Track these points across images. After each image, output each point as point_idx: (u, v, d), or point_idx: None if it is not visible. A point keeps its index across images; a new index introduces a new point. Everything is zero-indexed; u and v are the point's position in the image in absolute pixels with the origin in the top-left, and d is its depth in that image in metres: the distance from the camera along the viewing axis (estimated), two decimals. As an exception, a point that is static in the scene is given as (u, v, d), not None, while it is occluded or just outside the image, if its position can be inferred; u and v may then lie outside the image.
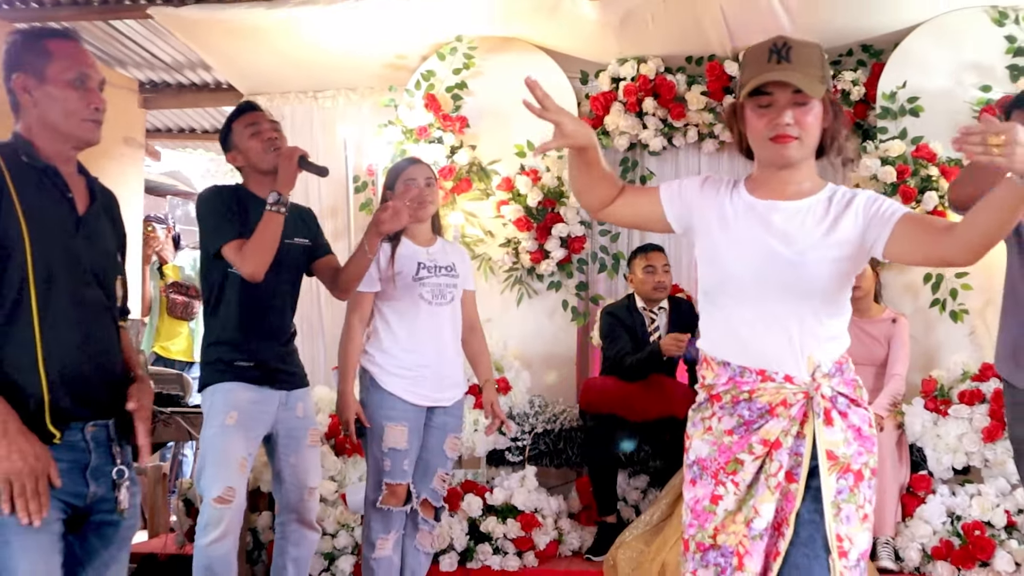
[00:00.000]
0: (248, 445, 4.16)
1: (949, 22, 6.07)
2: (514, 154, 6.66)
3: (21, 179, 2.76)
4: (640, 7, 6.09)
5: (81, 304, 2.84)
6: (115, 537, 2.91)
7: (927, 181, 6.01)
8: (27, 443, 2.61)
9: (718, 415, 2.68)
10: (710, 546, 2.63)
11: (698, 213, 2.80)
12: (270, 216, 3.99)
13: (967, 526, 5.23)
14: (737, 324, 2.70)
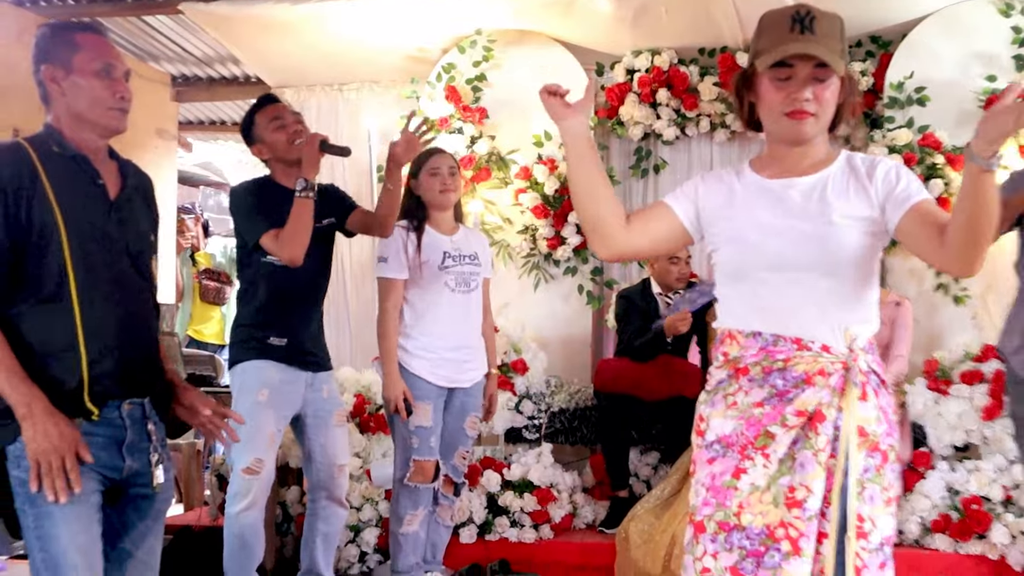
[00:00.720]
0: (277, 421, 4.23)
1: (956, 13, 6.06)
2: (532, 144, 6.65)
3: (53, 169, 2.76)
4: (654, 2, 6.10)
5: (119, 285, 2.84)
6: (150, 510, 2.92)
7: (933, 169, 6.01)
8: (53, 424, 2.61)
9: (745, 388, 2.45)
10: (734, 526, 2.37)
11: (704, 204, 2.60)
12: (300, 202, 4.04)
13: (965, 500, 5.25)
14: (767, 296, 2.49)
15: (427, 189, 4.72)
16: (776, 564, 2.31)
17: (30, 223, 2.71)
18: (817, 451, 2.35)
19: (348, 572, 5.36)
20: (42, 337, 2.73)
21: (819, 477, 2.34)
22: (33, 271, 2.73)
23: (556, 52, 6.71)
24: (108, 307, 2.81)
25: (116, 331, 2.82)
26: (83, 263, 2.76)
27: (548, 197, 6.65)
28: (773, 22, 2.45)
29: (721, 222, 2.58)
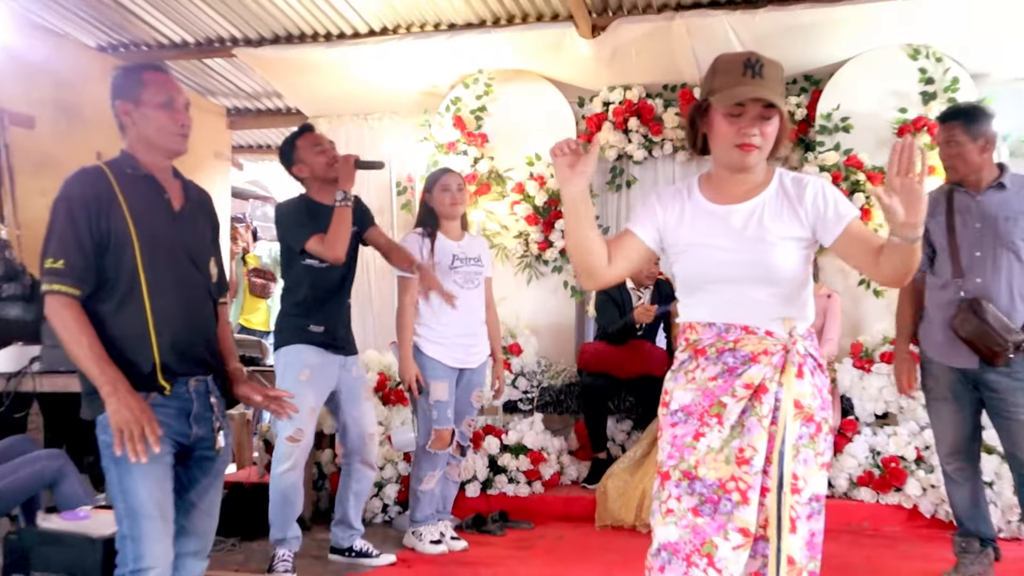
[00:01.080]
0: (316, 397, 4.22)
1: (874, 57, 6.05)
2: (525, 163, 6.64)
3: (127, 186, 2.78)
4: (626, 45, 6.08)
5: (182, 283, 2.85)
6: (212, 469, 2.95)
7: (856, 184, 6.00)
8: (134, 400, 2.63)
9: (702, 366, 2.44)
10: (694, 477, 2.37)
11: (663, 224, 2.54)
12: (341, 210, 4.07)
13: (885, 460, 5.28)
14: (721, 305, 2.46)
15: (439, 203, 4.70)
16: (729, 511, 2.32)
17: (109, 231, 2.72)
18: (761, 417, 2.34)
19: (372, 521, 5.36)
20: (121, 328, 2.74)
21: (763, 439, 2.33)
22: (111, 273, 2.74)
23: (545, 87, 6.67)
24: (173, 301, 2.81)
25: (180, 321, 2.82)
26: (151, 265, 2.77)
27: (538, 208, 6.61)
28: (728, 66, 2.40)
29: (677, 239, 2.53)
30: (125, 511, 2.70)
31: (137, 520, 2.69)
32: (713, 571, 2.30)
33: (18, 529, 3.60)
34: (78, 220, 2.69)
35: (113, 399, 2.61)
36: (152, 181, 2.86)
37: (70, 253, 2.68)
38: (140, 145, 2.86)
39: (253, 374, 4.83)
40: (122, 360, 2.70)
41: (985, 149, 3.81)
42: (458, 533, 4.91)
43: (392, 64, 6.52)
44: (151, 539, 2.70)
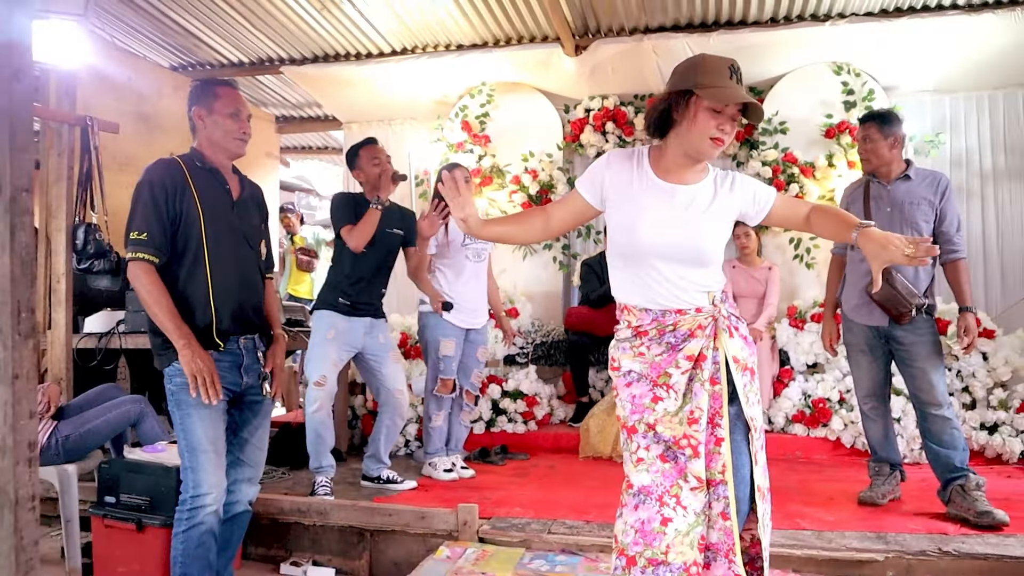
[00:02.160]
0: (339, 352, 4.20)
1: (806, 72, 6.03)
2: (521, 160, 6.63)
3: (196, 177, 2.81)
4: (603, 62, 6.06)
5: (237, 259, 2.87)
6: (260, 411, 2.99)
7: (792, 177, 5.99)
8: (202, 353, 2.68)
9: (647, 344, 2.31)
10: (655, 430, 2.29)
11: (610, 188, 2.34)
12: (372, 211, 4.10)
13: (814, 401, 5.30)
14: (653, 282, 2.31)
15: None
16: (683, 463, 2.26)
17: (181, 211, 2.75)
18: (703, 382, 2.27)
19: (396, 454, 5.37)
20: (187, 294, 2.76)
21: (706, 400, 2.26)
22: (181, 246, 2.77)
23: (537, 97, 6.65)
24: (229, 273, 2.84)
25: (234, 290, 2.84)
26: (213, 242, 2.80)
27: (532, 196, 6.59)
28: (715, 66, 2.22)
29: (620, 206, 2.33)
30: (186, 447, 2.74)
31: (195, 454, 2.72)
32: (680, 508, 2.25)
33: (109, 460, 3.62)
34: (158, 200, 2.71)
35: (187, 351, 2.65)
36: (216, 174, 2.88)
37: (151, 226, 2.70)
38: (208, 145, 2.88)
39: (297, 333, 4.90)
40: (186, 319, 2.73)
41: (894, 146, 3.81)
42: (467, 463, 4.92)
43: (410, 78, 6.50)
44: (206, 470, 2.73)
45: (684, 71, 2.27)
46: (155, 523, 3.33)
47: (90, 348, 4.58)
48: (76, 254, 4.70)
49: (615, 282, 2.41)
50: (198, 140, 2.89)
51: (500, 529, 3.58)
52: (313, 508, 3.83)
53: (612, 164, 2.36)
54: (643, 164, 2.35)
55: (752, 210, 2.38)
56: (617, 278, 2.40)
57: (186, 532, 2.73)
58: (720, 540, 2.28)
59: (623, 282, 2.38)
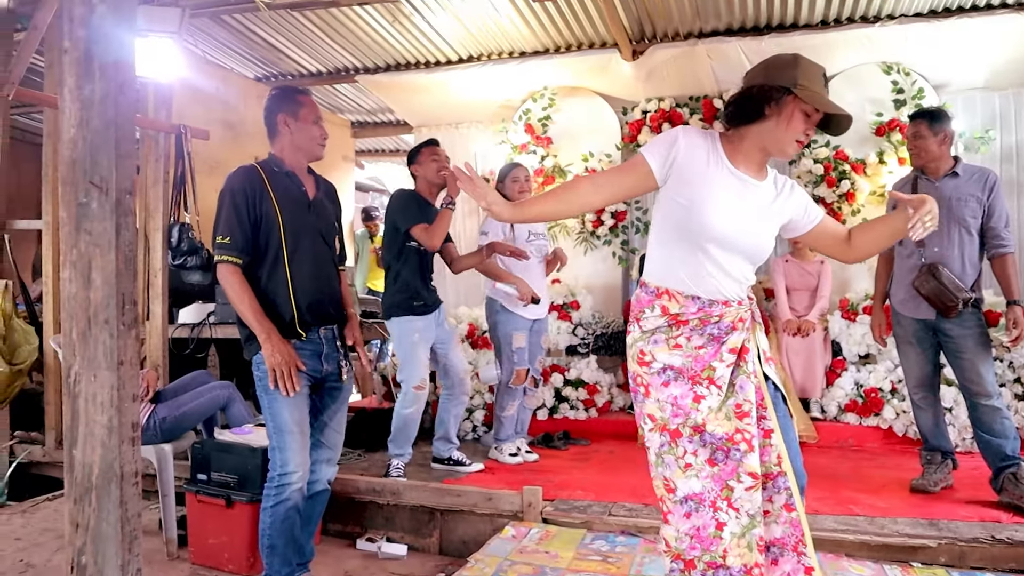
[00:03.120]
0: (426, 352, 4.22)
1: (857, 72, 5.87)
2: (581, 160, 6.57)
3: (274, 181, 2.84)
4: (659, 65, 5.98)
5: (314, 255, 2.89)
6: (339, 397, 3.02)
7: (843, 173, 5.85)
8: (283, 346, 2.70)
9: (686, 335, 2.15)
10: (703, 431, 2.13)
11: (683, 163, 2.12)
12: (446, 211, 4.05)
13: (867, 390, 5.18)
14: (708, 269, 2.15)
15: (510, 191, 4.62)
16: (739, 459, 2.11)
17: (261, 215, 2.78)
18: (749, 375, 2.15)
19: (465, 438, 5.40)
20: (269, 290, 2.79)
21: (752, 392, 2.14)
22: (263, 247, 2.79)
23: (596, 100, 6.59)
24: (307, 269, 2.86)
25: (313, 285, 2.87)
26: (292, 241, 2.82)
27: None
28: (814, 71, 2.09)
29: (690, 183, 2.12)
30: (273, 428, 2.77)
31: (282, 435, 2.75)
32: (732, 511, 2.11)
33: (201, 441, 3.71)
34: (239, 206, 2.75)
35: (267, 345, 2.68)
36: (293, 177, 2.90)
37: (234, 231, 2.74)
38: (290, 149, 2.90)
39: (373, 324, 4.95)
40: (271, 313, 2.76)
41: (943, 143, 3.72)
42: (531, 448, 4.92)
43: (476, 84, 6.49)
44: (293, 450, 2.76)
45: (782, 67, 2.10)
46: (243, 499, 3.40)
47: (184, 337, 4.71)
48: (171, 251, 4.83)
49: (659, 262, 2.21)
50: (279, 145, 2.91)
51: (563, 511, 3.58)
52: (387, 488, 3.86)
53: (688, 139, 2.15)
54: (718, 148, 2.17)
55: (801, 221, 2.28)
56: (663, 259, 2.20)
57: (274, 507, 2.78)
58: (786, 534, 2.14)
59: (671, 264, 2.18)
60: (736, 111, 2.16)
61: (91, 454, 1.74)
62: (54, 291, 4.68)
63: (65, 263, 1.69)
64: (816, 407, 5.36)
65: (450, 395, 4.45)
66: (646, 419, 2.20)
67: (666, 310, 2.17)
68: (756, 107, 2.12)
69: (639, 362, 2.19)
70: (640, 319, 2.20)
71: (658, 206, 2.20)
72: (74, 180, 1.70)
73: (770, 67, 2.13)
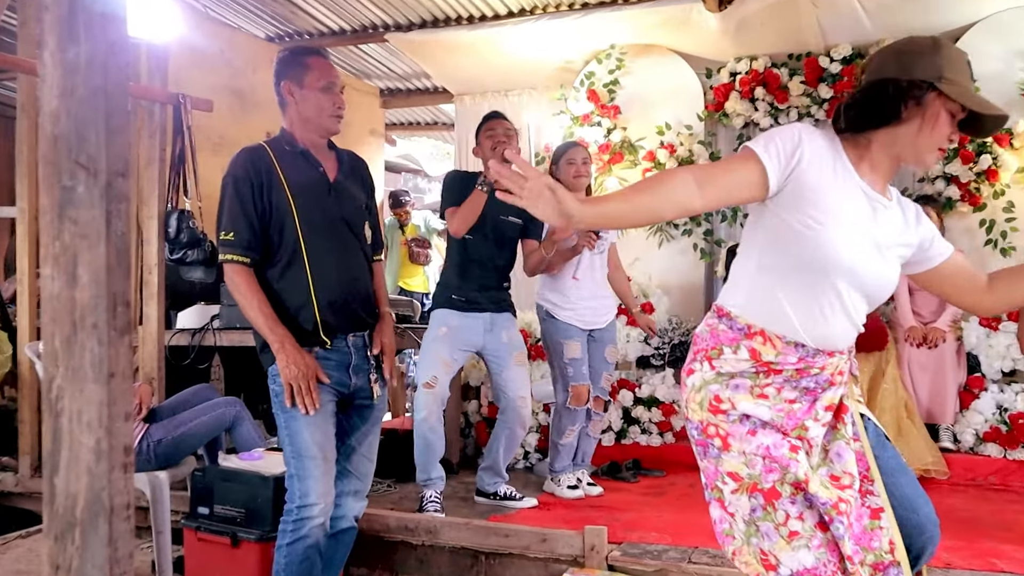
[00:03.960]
0: (452, 352, 4.28)
1: (1000, 20, 5.72)
2: (655, 133, 6.56)
3: (285, 162, 2.86)
4: (751, 16, 5.93)
5: (339, 249, 2.91)
6: (370, 417, 3.04)
7: (982, 146, 5.72)
8: (299, 356, 2.74)
9: (777, 385, 2.05)
10: (806, 489, 2.01)
11: (806, 172, 1.98)
12: (475, 193, 4.14)
13: (1013, 416, 5.07)
14: (824, 313, 2.04)
15: (564, 174, 4.64)
16: (842, 535, 2.01)
17: (271, 205, 2.81)
18: (848, 439, 2.07)
19: (514, 467, 5.43)
20: (287, 291, 2.83)
21: (854, 462, 2.05)
22: (275, 241, 2.83)
23: (674, 60, 6.57)
24: (331, 266, 2.88)
25: (338, 284, 2.88)
26: (311, 234, 2.84)
27: None
28: (958, 60, 1.99)
29: (814, 202, 1.98)
30: (292, 453, 2.80)
31: (302, 461, 2.78)
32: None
33: (203, 467, 3.76)
34: (243, 195, 2.79)
35: (281, 355, 2.72)
36: (308, 156, 2.92)
37: (239, 226, 2.78)
38: (300, 123, 2.92)
39: (405, 331, 4.98)
40: (288, 319, 2.80)
41: None
42: (594, 479, 4.93)
43: (529, 43, 6.51)
44: (314, 478, 2.79)
45: (921, 56, 1.99)
46: (251, 537, 3.43)
47: (183, 345, 4.79)
48: (168, 243, 4.90)
49: (756, 295, 2.09)
50: (288, 118, 2.94)
51: (632, 556, 3.56)
52: (421, 526, 3.87)
53: (812, 141, 2.02)
54: (842, 156, 2.06)
55: (928, 254, 2.18)
56: (763, 293, 2.08)
57: (290, 545, 2.81)
58: None
59: (774, 300, 2.06)
60: (863, 113, 2.04)
61: (76, 483, 1.75)
62: (31, 291, 4.79)
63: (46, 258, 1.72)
64: (947, 435, 5.26)
65: (502, 422, 4.48)
66: (725, 479, 2.08)
67: (756, 355, 2.06)
68: (891, 107, 2.00)
69: (712, 409, 2.08)
70: (713, 358, 2.10)
71: (759, 224, 2.08)
72: (56, 160, 1.72)
73: (904, 55, 2.02)
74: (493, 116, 4.43)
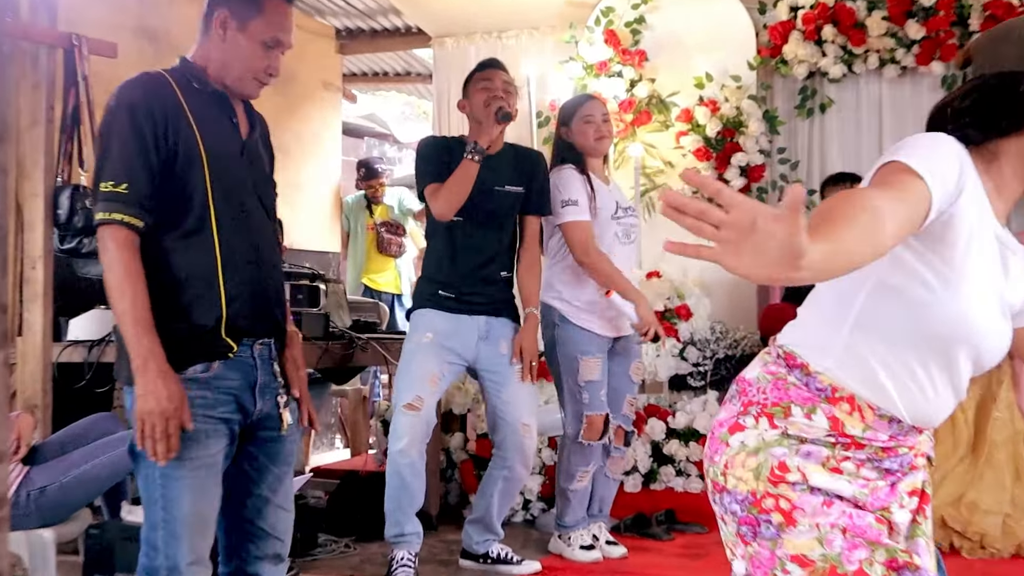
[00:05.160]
0: (440, 364, 4.27)
1: None
2: (693, 86, 6.55)
3: (193, 102, 2.76)
4: (819, -67, 5.96)
5: (250, 223, 2.84)
6: (281, 453, 2.92)
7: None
8: (164, 384, 2.57)
9: (856, 461, 2.01)
10: (905, 564, 1.94)
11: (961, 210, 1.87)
12: (465, 164, 4.14)
13: None
14: (934, 384, 2.00)
15: (581, 136, 4.64)
16: None
17: (176, 149, 2.71)
18: (927, 538, 2.05)
19: (512, 520, 5.38)
20: (187, 271, 2.72)
21: (933, 562, 2.02)
22: (175, 202, 2.72)
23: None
24: (243, 243, 2.81)
25: (249, 267, 2.82)
26: (222, 197, 2.77)
27: (710, 139, 6.55)
28: None
29: (954, 245, 1.89)
30: (164, 522, 2.67)
31: (175, 537, 2.67)
32: None
33: (101, 523, 3.70)
34: (142, 132, 2.66)
35: (141, 380, 2.58)
36: (223, 101, 2.85)
37: (134, 172, 2.65)
38: (216, 66, 2.84)
39: (368, 343, 4.86)
40: (181, 311, 2.70)
41: None
42: (614, 536, 4.91)
43: (531, -32, 6.53)
44: (186, 536, 2.68)
45: None
46: (164, 615, 3.37)
47: (76, 362, 4.70)
48: (58, 229, 4.83)
49: (847, 359, 2.01)
50: (202, 50, 2.85)
51: (666, 640, 3.52)
52: (389, 600, 3.85)
53: (970, 165, 1.92)
54: (978, 183, 1.95)
55: None
56: (857, 349, 2.01)
57: None
58: None
59: (870, 361, 2.00)
60: (989, 115, 1.97)
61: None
62: None
63: None
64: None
65: (499, 460, 4.45)
66: (787, 566, 1.99)
67: (838, 426, 2.01)
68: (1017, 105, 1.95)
69: (773, 478, 2.01)
70: (775, 416, 2.03)
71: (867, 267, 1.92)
72: None
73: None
74: (490, 64, 4.45)
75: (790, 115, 6.66)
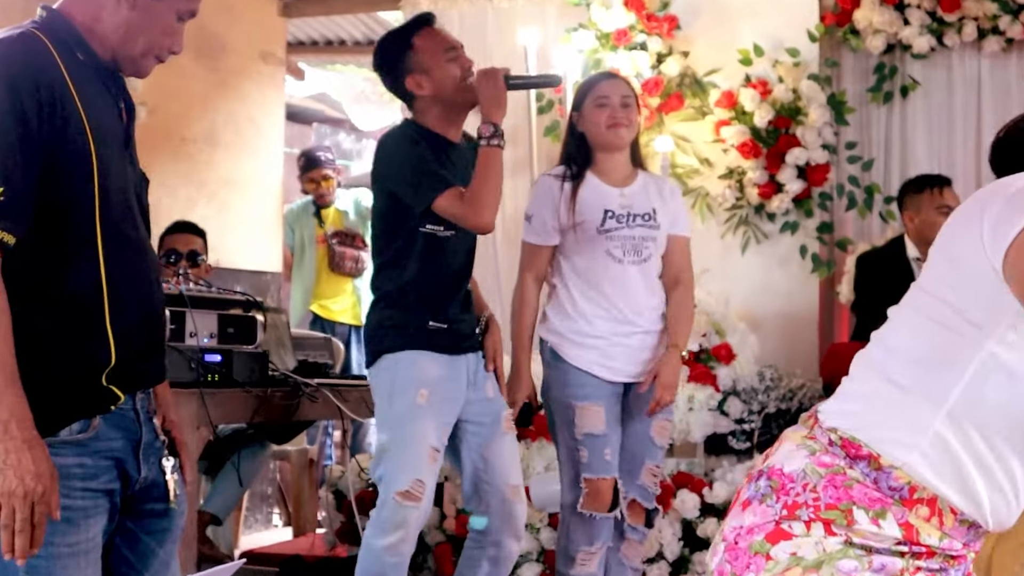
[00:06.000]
0: (439, 432, 4.16)
1: None
2: (737, 62, 6.55)
3: (78, 78, 2.62)
4: None
5: (136, 240, 2.76)
6: (168, 533, 2.90)
7: None
8: (31, 457, 2.43)
9: (927, 571, 2.06)
10: None
11: None
12: (489, 153, 4.06)
13: None
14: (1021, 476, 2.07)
15: (591, 123, 4.53)
16: None
17: (64, 137, 2.58)
18: None
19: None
20: (63, 302, 2.62)
21: None
22: (52, 212, 2.59)
23: (767, -57, 6.65)
24: (128, 264, 2.73)
25: (139, 296, 2.77)
26: (107, 204, 2.66)
27: (759, 131, 6.56)
28: None
29: None
30: None
31: None
32: None
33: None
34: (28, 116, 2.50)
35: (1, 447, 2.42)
36: (115, 80, 2.76)
37: (12, 172, 2.48)
38: (111, 33, 2.71)
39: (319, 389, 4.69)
40: (55, 354, 2.57)
41: None
42: (633, 646, 4.85)
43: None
44: None
45: None
46: None
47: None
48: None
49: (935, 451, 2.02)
50: (90, 8, 2.72)
51: None
52: None
53: None
54: None
55: None
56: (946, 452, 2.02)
57: None
58: None
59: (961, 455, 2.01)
60: None
61: None
62: None
63: None
64: None
65: (484, 535, 4.31)
66: None
67: (912, 533, 2.02)
68: None
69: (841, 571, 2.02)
70: (833, 521, 2.04)
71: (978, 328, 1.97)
72: None
73: None
74: (429, 21, 4.35)
75: (862, 100, 6.69)
